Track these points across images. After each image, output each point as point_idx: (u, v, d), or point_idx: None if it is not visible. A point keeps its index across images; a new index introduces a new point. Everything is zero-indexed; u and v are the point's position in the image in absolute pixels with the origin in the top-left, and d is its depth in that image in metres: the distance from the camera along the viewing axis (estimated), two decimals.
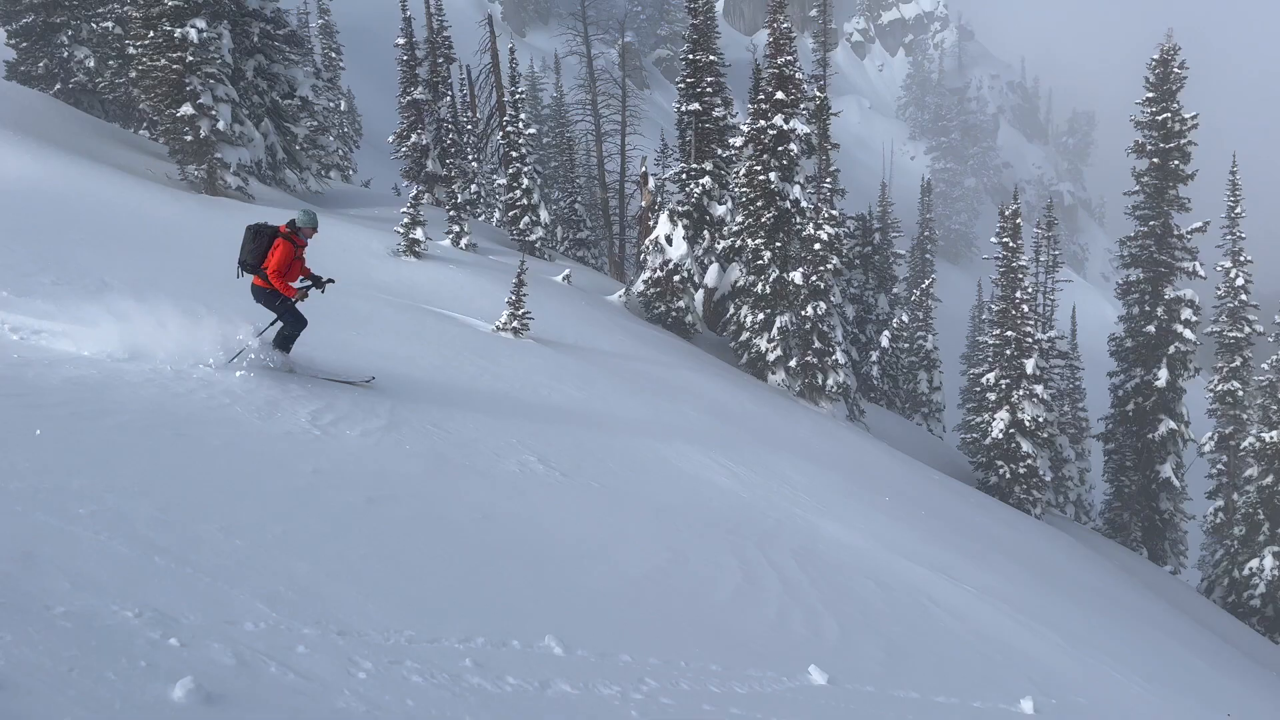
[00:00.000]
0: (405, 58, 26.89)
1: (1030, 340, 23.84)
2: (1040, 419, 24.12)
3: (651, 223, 25.54)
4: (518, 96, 27.88)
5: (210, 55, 18.92)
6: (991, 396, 24.58)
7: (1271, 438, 26.47)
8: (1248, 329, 28.68)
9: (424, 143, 27.07)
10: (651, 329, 22.42)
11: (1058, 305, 30.61)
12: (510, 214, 26.71)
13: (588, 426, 11.33)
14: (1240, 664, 15.01)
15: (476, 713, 3.85)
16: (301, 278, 9.28)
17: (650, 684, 4.70)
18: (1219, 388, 28.94)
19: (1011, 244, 23.85)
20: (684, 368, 18.64)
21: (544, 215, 26.28)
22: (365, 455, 7.48)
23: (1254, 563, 26.65)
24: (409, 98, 27.03)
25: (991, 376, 24.51)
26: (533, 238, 25.88)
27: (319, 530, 5.52)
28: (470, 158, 29.23)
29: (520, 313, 15.11)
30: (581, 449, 10.17)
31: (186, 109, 18.66)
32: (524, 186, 25.89)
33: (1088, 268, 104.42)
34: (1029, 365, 23.65)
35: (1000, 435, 23.96)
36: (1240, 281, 28.35)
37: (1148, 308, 28.23)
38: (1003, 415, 24.04)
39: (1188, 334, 27.71)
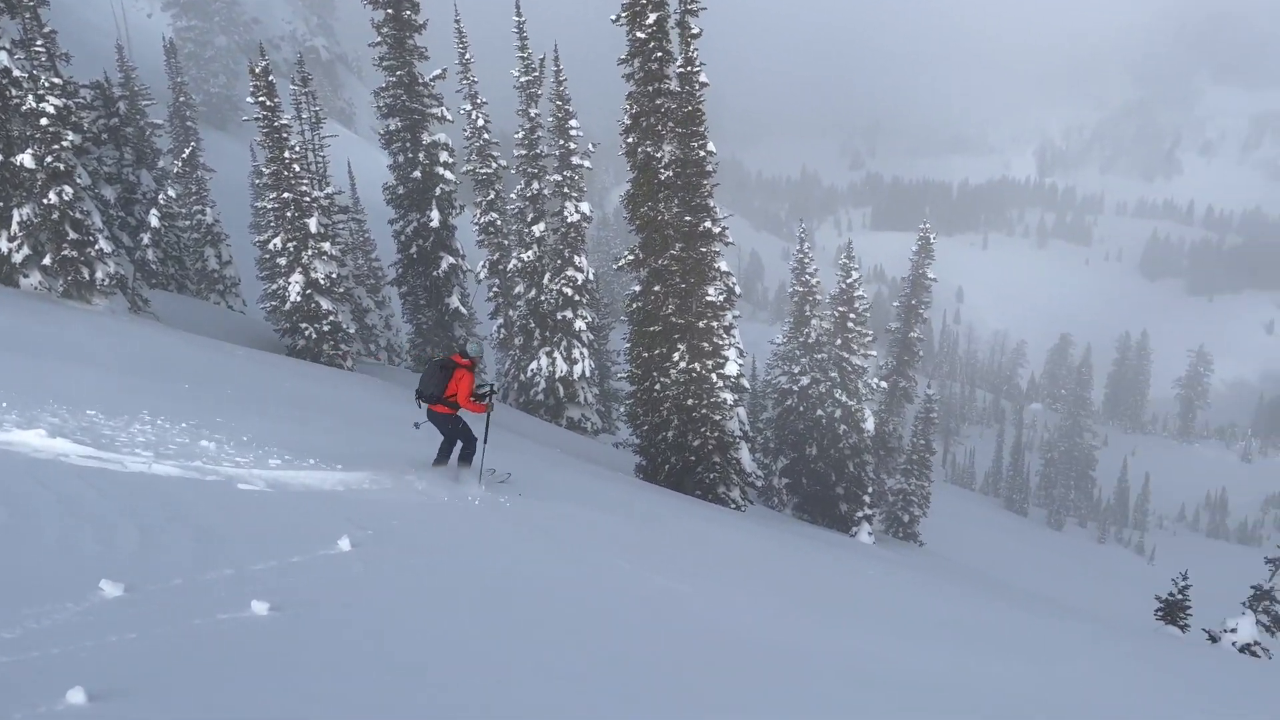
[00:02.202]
0: None
1: (309, 199, 23.86)
2: (334, 275, 24.63)
3: None
4: None
5: None
6: (282, 261, 24.30)
7: (528, 257, 30.78)
8: (495, 165, 32.50)
9: None
10: None
11: (330, 161, 31.01)
12: None
13: None
14: (525, 445, 17.68)
15: None
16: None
17: None
18: (481, 220, 32.63)
19: (269, 103, 23.17)
20: None
21: None
22: None
23: (534, 364, 31.32)
24: None
25: (278, 241, 24.13)
26: None
27: None
28: None
29: None
30: None
31: None
32: None
33: (356, 121, 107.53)
34: (312, 224, 23.77)
35: (299, 298, 23.97)
36: (481, 122, 31.74)
37: (411, 154, 30.14)
38: (297, 278, 24.00)
39: (448, 175, 30.38)
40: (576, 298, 30.45)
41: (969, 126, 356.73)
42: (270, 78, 23.24)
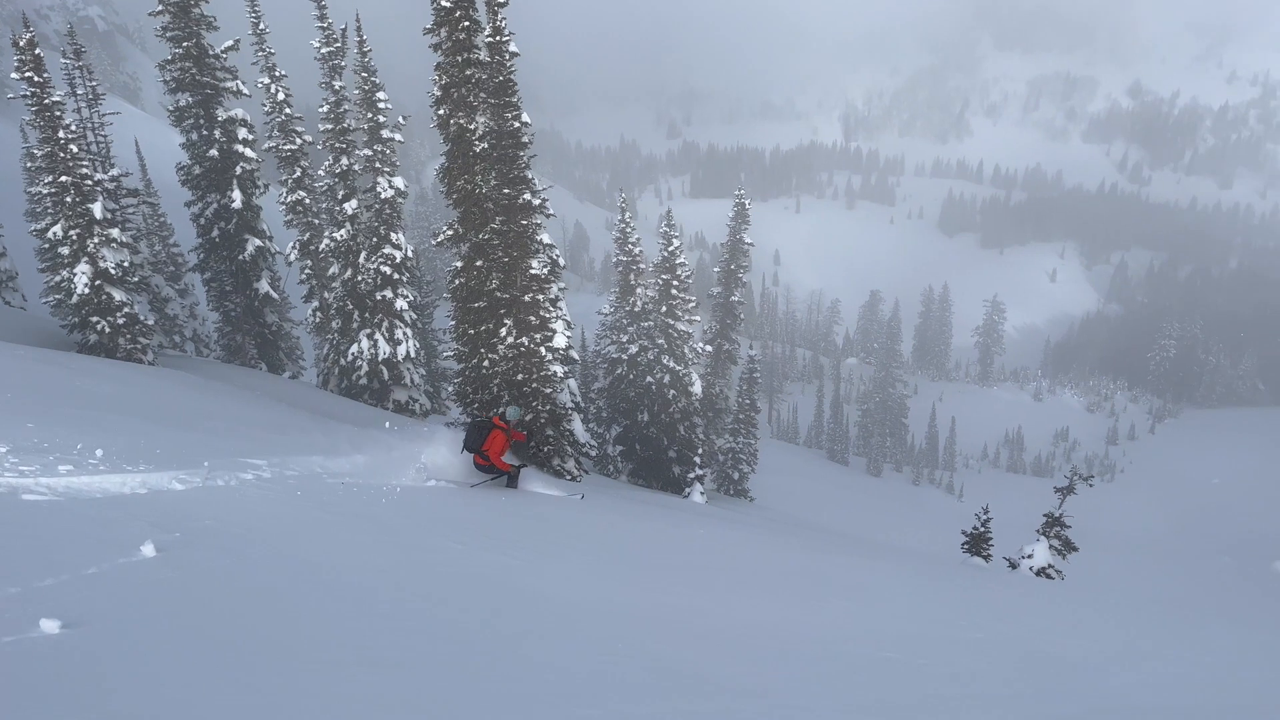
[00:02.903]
0: None
1: (90, 183, 22.00)
2: (127, 264, 22.88)
3: None
4: None
5: None
6: (65, 251, 22.33)
7: (341, 236, 29.57)
8: (299, 140, 30.97)
9: None
10: None
11: (114, 141, 28.68)
12: None
13: None
14: (346, 431, 17.08)
15: None
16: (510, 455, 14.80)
17: None
18: (288, 199, 31.08)
19: (37, 79, 21.13)
20: None
21: None
22: None
23: (354, 348, 30.20)
24: None
25: (59, 230, 22.14)
26: None
27: None
28: None
29: None
30: None
31: None
32: None
33: (144, 97, 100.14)
34: (97, 210, 21.94)
35: (86, 290, 22.12)
36: (281, 96, 30.13)
37: (205, 131, 28.29)
38: (83, 268, 22.13)
39: (249, 153, 28.72)
40: (396, 276, 29.54)
41: (778, 94, 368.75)
42: (37, 50, 21.19)
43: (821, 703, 5.64)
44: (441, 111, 22.10)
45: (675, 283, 37.60)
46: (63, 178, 21.50)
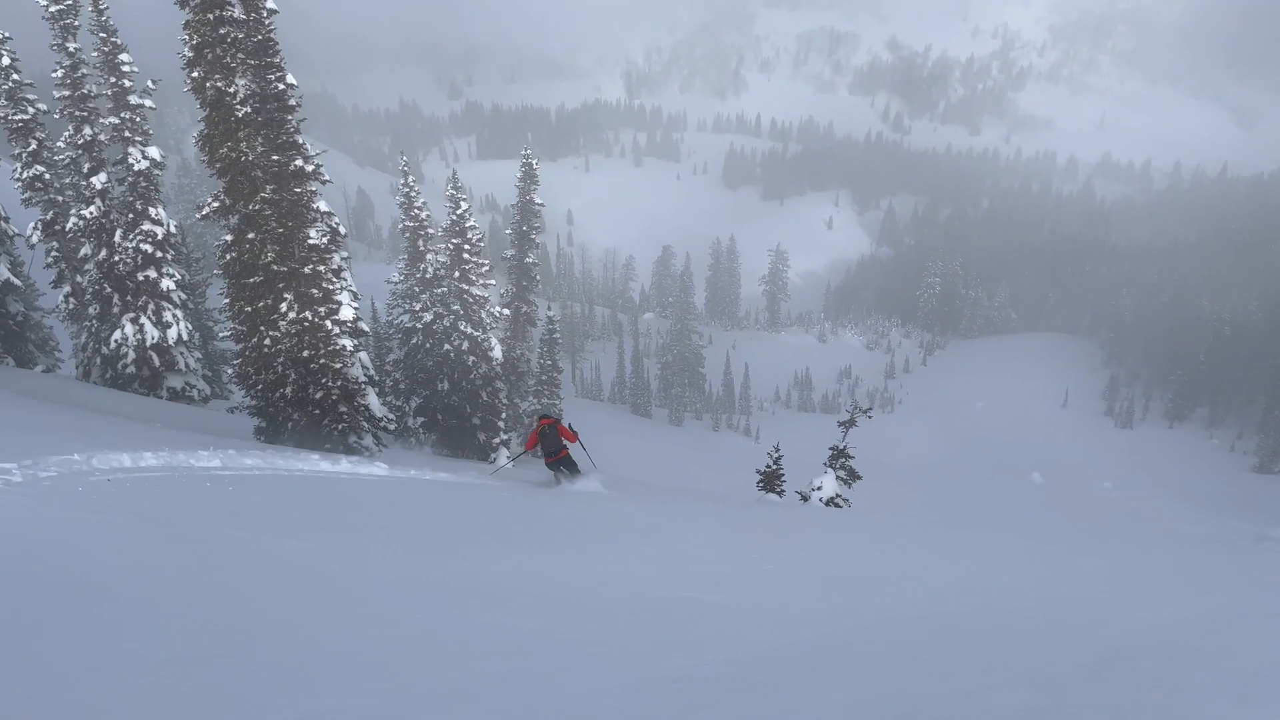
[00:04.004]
0: None
1: None
2: None
3: None
4: None
5: None
6: None
7: (91, 213, 27.04)
8: (32, 109, 27.95)
9: None
10: None
11: None
12: None
13: None
14: (116, 425, 15.81)
15: None
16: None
17: None
18: (24, 175, 28.05)
19: None
20: None
21: None
22: None
23: (117, 335, 27.85)
24: None
25: None
26: None
27: None
28: None
29: None
30: None
31: None
32: None
33: None
34: None
35: None
36: (6, 60, 27.03)
37: None
38: None
39: None
40: (159, 254, 27.39)
41: (559, 51, 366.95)
42: None
43: (620, 644, 5.77)
44: (195, 74, 20.53)
45: (467, 246, 36.90)
46: None
